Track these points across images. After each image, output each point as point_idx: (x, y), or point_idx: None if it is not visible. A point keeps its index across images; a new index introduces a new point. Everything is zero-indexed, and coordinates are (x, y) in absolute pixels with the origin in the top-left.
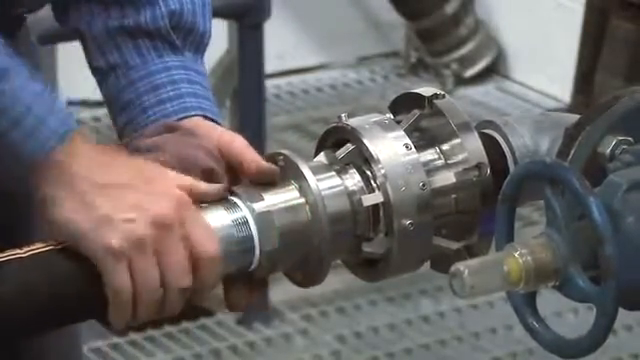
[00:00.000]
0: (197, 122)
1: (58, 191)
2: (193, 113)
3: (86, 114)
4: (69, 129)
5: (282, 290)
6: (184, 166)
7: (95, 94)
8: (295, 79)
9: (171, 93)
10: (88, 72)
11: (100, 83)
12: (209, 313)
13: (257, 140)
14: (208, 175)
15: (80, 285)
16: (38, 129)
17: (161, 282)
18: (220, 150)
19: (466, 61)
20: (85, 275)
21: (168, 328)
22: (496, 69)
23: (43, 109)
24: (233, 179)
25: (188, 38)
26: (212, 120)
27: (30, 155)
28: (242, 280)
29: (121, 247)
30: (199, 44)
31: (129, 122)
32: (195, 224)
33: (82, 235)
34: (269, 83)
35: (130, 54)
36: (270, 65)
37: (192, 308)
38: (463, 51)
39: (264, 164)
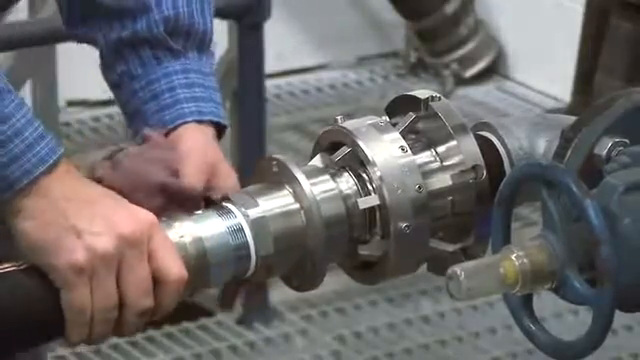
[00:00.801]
0: (185, 131)
1: (29, 201)
2: (190, 119)
3: (86, 114)
4: (57, 158)
5: (281, 291)
6: (133, 180)
7: (95, 94)
8: (295, 79)
9: (169, 100)
10: (88, 72)
11: (115, 96)
12: (209, 313)
13: (257, 140)
14: (160, 190)
15: (41, 305)
16: (25, 155)
17: (121, 301)
18: (205, 167)
19: (466, 61)
20: (46, 295)
21: (168, 328)
22: (496, 69)
23: (33, 135)
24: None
25: (188, 40)
26: (214, 122)
27: (14, 179)
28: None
29: (85, 262)
30: (201, 43)
31: (137, 132)
32: (161, 245)
33: (46, 247)
34: (269, 83)
35: (133, 64)
36: (270, 65)
37: (192, 308)
38: (463, 51)
39: None
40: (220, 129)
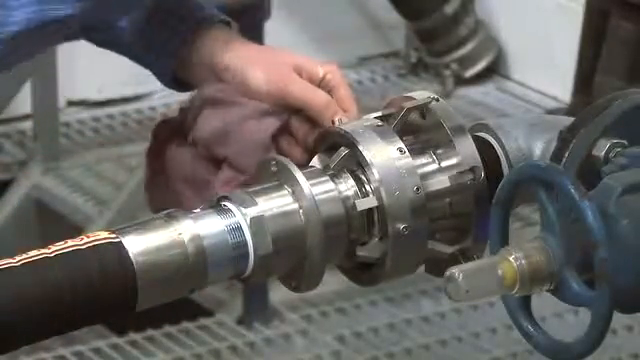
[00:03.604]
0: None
1: None
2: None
3: (86, 114)
4: None
5: (282, 290)
6: (247, 164)
7: (95, 94)
8: None
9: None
10: (88, 72)
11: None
12: (209, 313)
13: None
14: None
15: (72, 291)
16: None
17: None
18: None
19: (466, 61)
20: (78, 281)
21: (168, 328)
22: (496, 69)
23: None
24: None
25: None
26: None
27: None
28: None
29: None
30: None
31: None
32: None
33: None
34: None
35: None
36: None
37: (192, 308)
38: (463, 51)
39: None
40: None
